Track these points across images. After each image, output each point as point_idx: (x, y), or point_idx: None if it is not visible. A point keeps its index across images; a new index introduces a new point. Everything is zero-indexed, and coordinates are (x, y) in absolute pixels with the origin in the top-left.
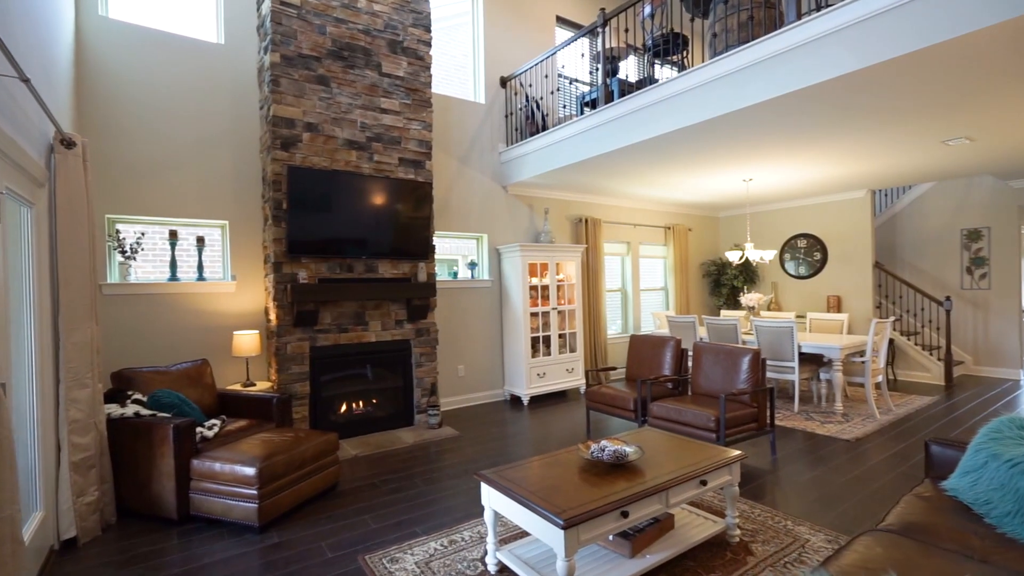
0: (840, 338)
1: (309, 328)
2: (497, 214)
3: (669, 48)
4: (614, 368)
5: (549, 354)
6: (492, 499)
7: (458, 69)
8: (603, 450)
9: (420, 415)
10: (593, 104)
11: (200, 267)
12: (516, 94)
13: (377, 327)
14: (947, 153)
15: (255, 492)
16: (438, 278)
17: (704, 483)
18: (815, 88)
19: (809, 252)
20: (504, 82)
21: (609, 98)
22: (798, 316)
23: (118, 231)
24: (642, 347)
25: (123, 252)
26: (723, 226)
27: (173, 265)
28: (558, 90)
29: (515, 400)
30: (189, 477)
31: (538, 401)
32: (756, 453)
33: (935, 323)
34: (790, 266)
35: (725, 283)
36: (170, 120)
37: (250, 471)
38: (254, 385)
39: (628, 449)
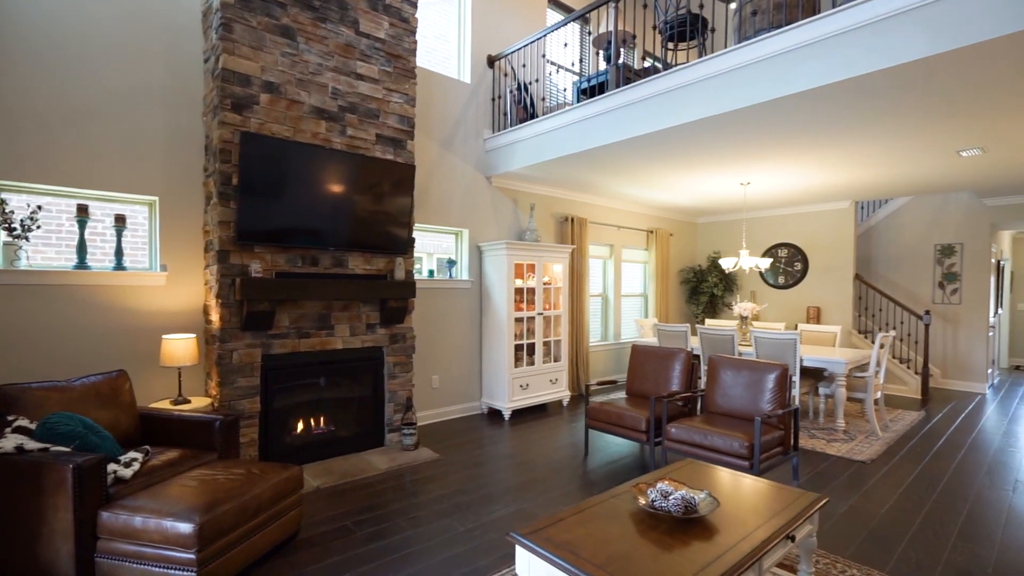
0: (844, 352)
1: (262, 332)
2: (480, 207)
3: (686, 32)
4: (614, 382)
5: (533, 363)
6: (535, 571)
7: (441, 42)
8: (665, 497)
9: (392, 434)
10: (592, 91)
11: (119, 253)
12: (506, 76)
13: (345, 332)
14: (950, 164)
15: (193, 557)
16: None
17: (792, 539)
18: (847, 83)
19: (790, 262)
20: (492, 62)
21: (620, 82)
22: (791, 327)
23: (3, 201)
24: (646, 359)
25: (10, 229)
26: (701, 232)
27: (81, 249)
28: (557, 72)
29: (494, 414)
30: (96, 536)
31: (520, 415)
32: (778, 479)
33: (913, 336)
34: (769, 275)
35: (704, 291)
36: (83, 64)
37: (186, 528)
38: (188, 402)
39: (697, 496)
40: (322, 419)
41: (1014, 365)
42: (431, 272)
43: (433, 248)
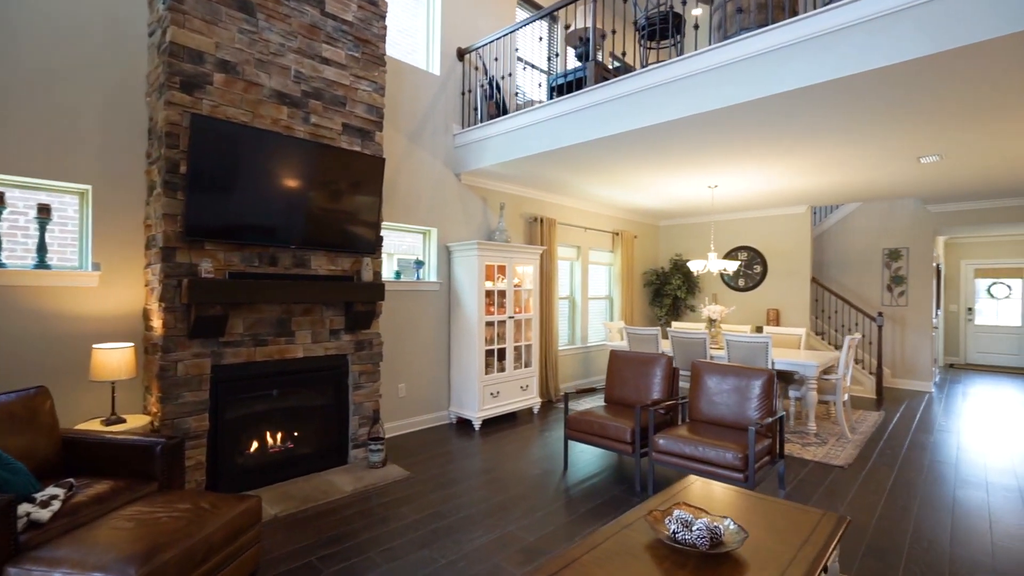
0: (814, 355)
1: (212, 340)
2: (449, 206)
3: (664, 30)
4: (593, 389)
5: (503, 370)
6: None
7: (410, 33)
8: (687, 527)
9: (357, 450)
10: (564, 88)
11: (42, 249)
12: (476, 69)
13: (306, 338)
14: (909, 171)
15: None
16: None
17: (826, 570)
18: (829, 85)
19: (750, 265)
20: (461, 54)
21: (599, 78)
22: (755, 329)
23: None
24: (626, 366)
25: None
26: (662, 235)
27: None
28: (524, 70)
29: (463, 424)
30: None
31: (491, 425)
32: (764, 489)
33: (867, 337)
34: (730, 278)
35: (668, 293)
36: (1, 34)
37: None
38: (123, 422)
39: (721, 525)
40: (279, 436)
41: (948, 363)
42: (397, 274)
43: (400, 248)
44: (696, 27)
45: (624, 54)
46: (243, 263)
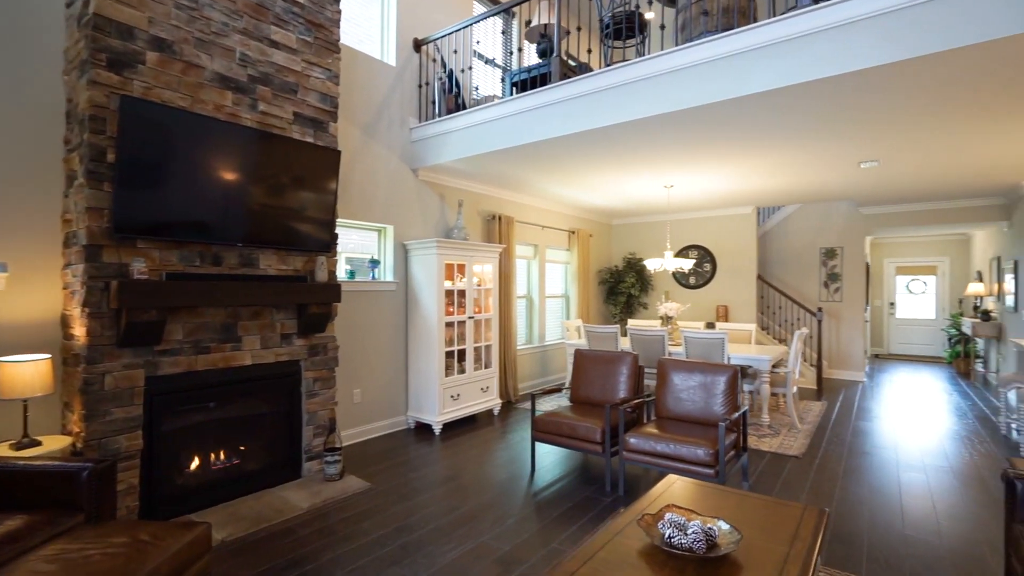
0: (766, 349)
1: (146, 348)
2: (405, 202)
3: (627, 29)
4: (558, 389)
5: (464, 371)
6: None
7: (364, 20)
8: (682, 530)
9: (312, 463)
10: (525, 85)
11: None
12: (434, 62)
13: (255, 344)
14: (849, 175)
15: None
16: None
17: (817, 566)
18: (796, 88)
19: (700, 263)
20: (418, 45)
21: (565, 75)
22: (707, 325)
23: None
24: (592, 365)
25: None
26: (615, 234)
27: None
28: (490, 62)
29: (423, 429)
30: None
31: (451, 429)
32: (728, 482)
33: (808, 331)
34: (681, 276)
35: (622, 291)
36: None
37: None
38: (38, 444)
39: (715, 527)
40: (225, 451)
41: (874, 354)
42: (351, 273)
43: (349, 246)
44: (662, 27)
45: (590, 51)
46: (182, 263)
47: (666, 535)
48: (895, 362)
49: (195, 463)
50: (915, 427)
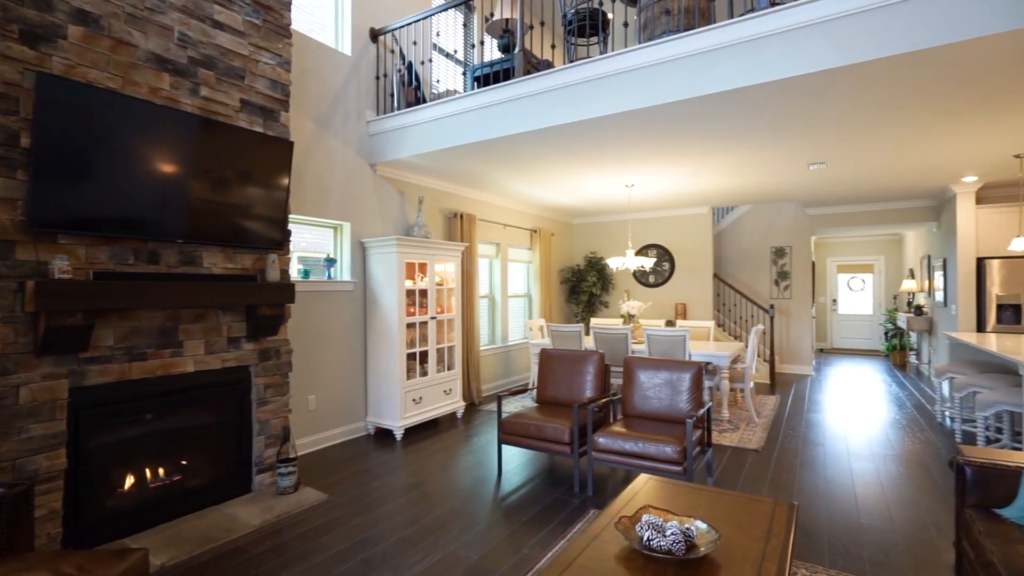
0: (725, 345)
1: (70, 356)
2: (363, 199)
3: (595, 26)
4: (525, 389)
5: (426, 374)
6: None
7: (317, 5)
8: (660, 531)
9: (263, 475)
10: (488, 79)
11: None
12: (392, 53)
13: (198, 349)
14: (798, 176)
15: None
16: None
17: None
18: (751, 89)
19: (659, 262)
20: (375, 35)
21: (529, 69)
22: (668, 323)
23: None
24: (558, 364)
25: None
26: (576, 233)
27: None
28: (450, 57)
29: (383, 434)
30: None
31: (413, 433)
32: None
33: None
34: (641, 274)
35: (584, 290)
36: None
37: None
38: None
39: (692, 526)
40: (165, 467)
41: (819, 348)
42: (305, 272)
43: (307, 244)
44: (625, 25)
45: (553, 47)
46: (113, 261)
47: (644, 538)
48: (838, 356)
49: (130, 482)
50: (861, 417)
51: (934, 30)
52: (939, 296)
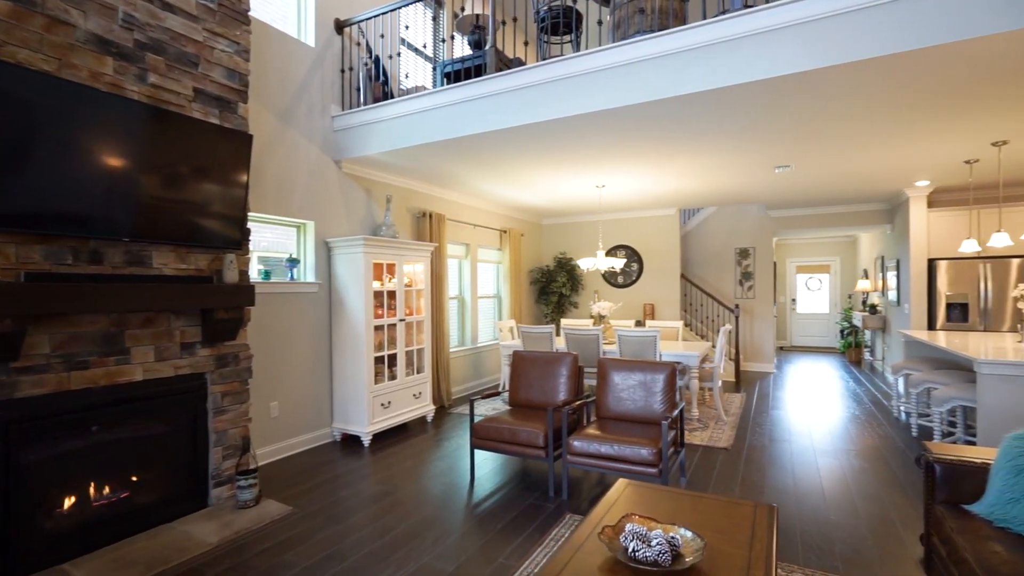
0: (694, 345)
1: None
2: (328, 197)
3: (569, 24)
4: (497, 393)
5: (395, 377)
6: None
7: None
8: (646, 541)
9: (221, 488)
10: (459, 76)
11: None
12: (358, 45)
13: (148, 356)
14: (764, 179)
15: None
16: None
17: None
18: (723, 91)
19: (628, 263)
20: (340, 27)
21: (501, 67)
22: (637, 323)
23: None
24: (530, 366)
25: None
26: (546, 234)
27: None
28: (419, 52)
29: (350, 441)
30: None
31: (382, 439)
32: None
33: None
34: (610, 275)
35: (554, 291)
36: None
37: None
38: None
39: (679, 536)
40: (111, 483)
41: (779, 346)
42: (266, 273)
43: (268, 244)
44: (600, 23)
45: (526, 43)
46: (48, 260)
47: (629, 549)
48: (797, 353)
49: (71, 501)
50: (823, 413)
51: (895, 38)
52: (892, 295)
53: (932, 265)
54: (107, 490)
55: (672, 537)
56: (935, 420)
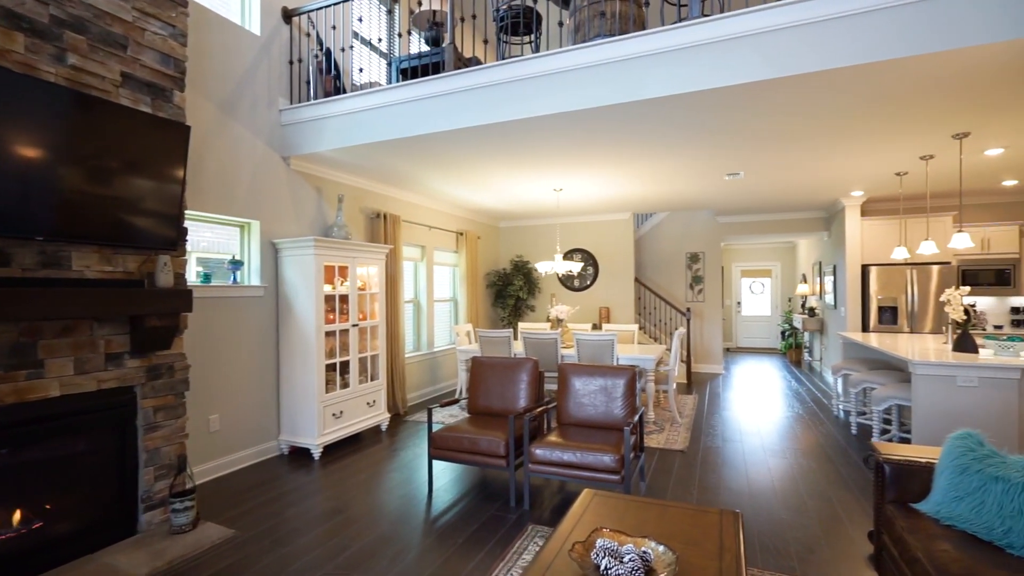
0: (649, 348)
1: None
2: (275, 195)
3: (529, 25)
4: (456, 400)
5: (347, 385)
6: None
7: None
8: (617, 557)
9: (152, 513)
10: (415, 73)
11: None
12: (308, 36)
13: (66, 369)
14: (714, 185)
15: None
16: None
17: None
18: (683, 97)
19: (584, 266)
20: (288, 16)
21: (460, 64)
22: (594, 327)
23: None
24: (490, 372)
25: None
26: (503, 236)
27: None
28: (372, 47)
29: (299, 454)
30: None
31: (334, 451)
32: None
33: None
34: (566, 278)
35: (511, 294)
36: None
37: None
38: None
39: (649, 549)
40: (21, 512)
41: (726, 348)
42: (206, 276)
43: (208, 244)
44: (561, 24)
45: (486, 41)
46: None
47: (602, 566)
48: (742, 354)
49: None
50: (770, 413)
51: (834, 53)
52: (829, 299)
53: (865, 270)
54: (16, 520)
55: (644, 552)
56: (874, 419)
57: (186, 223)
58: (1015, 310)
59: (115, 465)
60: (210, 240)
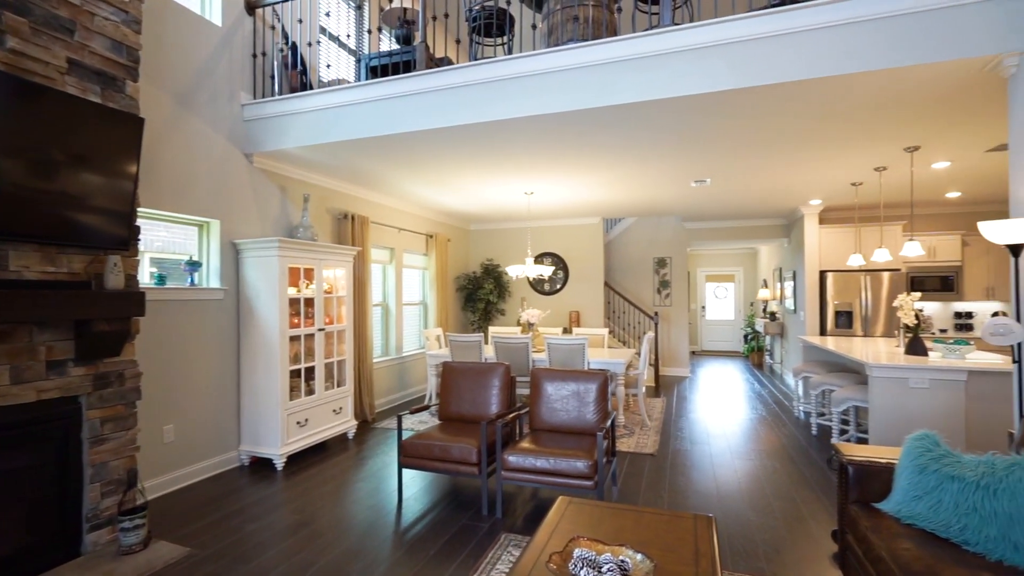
0: (619, 352)
1: None
2: (236, 193)
3: (501, 25)
4: (426, 407)
5: (312, 392)
6: None
7: None
8: (597, 567)
9: (99, 532)
10: (385, 71)
11: None
12: (273, 29)
13: (1, 378)
14: (680, 192)
15: None
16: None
17: None
18: (655, 104)
19: (555, 270)
20: (252, 7)
21: (431, 64)
22: (564, 331)
23: None
24: (461, 378)
25: None
26: (473, 240)
27: None
28: (348, 39)
29: (260, 464)
30: None
31: (298, 461)
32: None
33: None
34: (536, 282)
35: (481, 298)
36: None
37: None
38: None
39: (627, 558)
40: None
41: (691, 351)
42: (161, 278)
43: (163, 244)
44: (534, 27)
45: (459, 41)
46: None
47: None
48: (707, 357)
49: None
50: (735, 415)
51: (794, 67)
52: (789, 303)
53: (823, 276)
54: None
55: (622, 561)
56: (834, 420)
57: (139, 221)
58: (958, 315)
59: (56, 482)
60: (165, 240)
